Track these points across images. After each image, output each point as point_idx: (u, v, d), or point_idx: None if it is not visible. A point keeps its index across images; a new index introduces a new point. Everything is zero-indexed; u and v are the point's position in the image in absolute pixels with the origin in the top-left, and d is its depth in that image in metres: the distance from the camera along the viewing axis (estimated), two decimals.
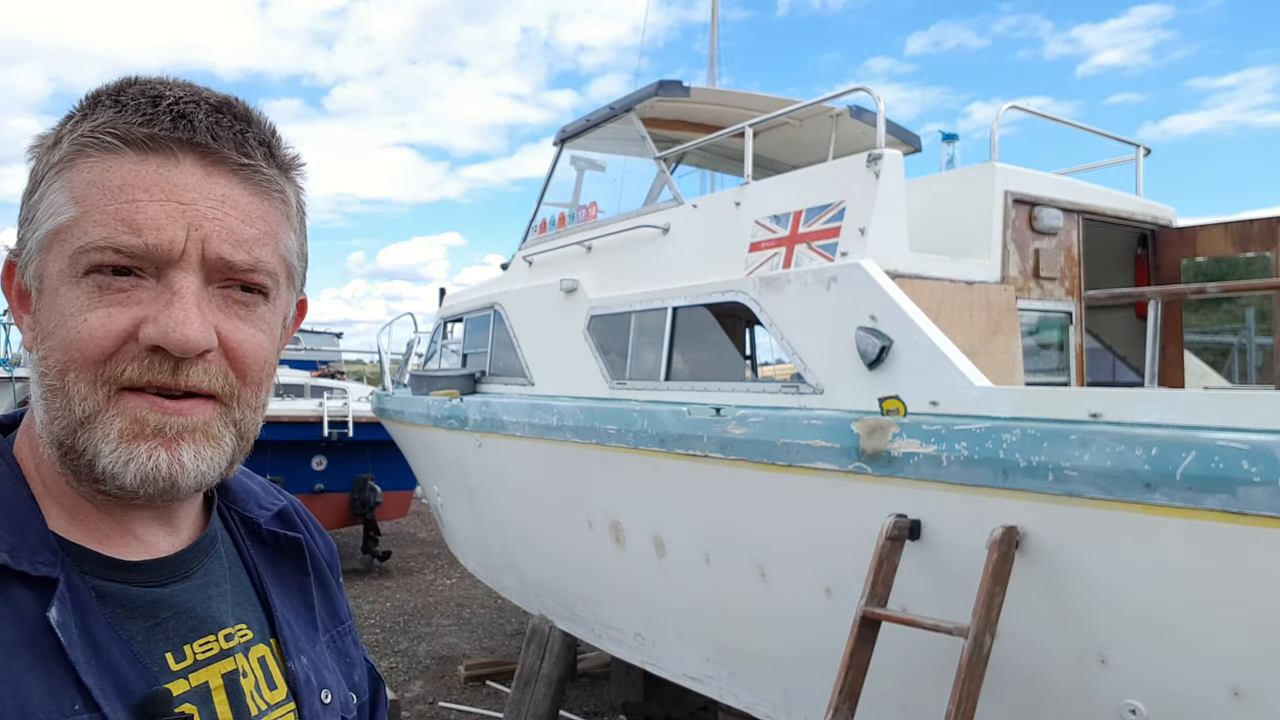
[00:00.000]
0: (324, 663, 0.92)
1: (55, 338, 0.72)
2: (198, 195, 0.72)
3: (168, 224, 0.71)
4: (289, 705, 0.85)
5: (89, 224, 0.71)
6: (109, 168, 0.72)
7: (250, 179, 0.76)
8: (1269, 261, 4.46)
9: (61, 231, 0.72)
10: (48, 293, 0.73)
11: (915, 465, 3.07)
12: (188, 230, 0.71)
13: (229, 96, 0.78)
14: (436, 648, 7.94)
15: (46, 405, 0.73)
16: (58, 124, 0.77)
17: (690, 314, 4.53)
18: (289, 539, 0.96)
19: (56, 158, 0.74)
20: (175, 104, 0.73)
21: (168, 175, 0.72)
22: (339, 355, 18.99)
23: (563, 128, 6.07)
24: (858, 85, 4.26)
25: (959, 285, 3.83)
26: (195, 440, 0.74)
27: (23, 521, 0.72)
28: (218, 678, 0.79)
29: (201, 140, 0.73)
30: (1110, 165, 5.11)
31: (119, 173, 0.71)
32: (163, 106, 0.72)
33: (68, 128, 0.75)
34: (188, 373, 0.73)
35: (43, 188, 0.74)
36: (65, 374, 0.71)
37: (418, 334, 8.79)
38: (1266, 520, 2.30)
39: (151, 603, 0.77)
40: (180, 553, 0.82)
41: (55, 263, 0.72)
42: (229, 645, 0.82)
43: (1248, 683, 2.48)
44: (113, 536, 0.77)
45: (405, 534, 13.19)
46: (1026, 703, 2.99)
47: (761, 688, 4.18)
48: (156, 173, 0.72)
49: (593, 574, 5.21)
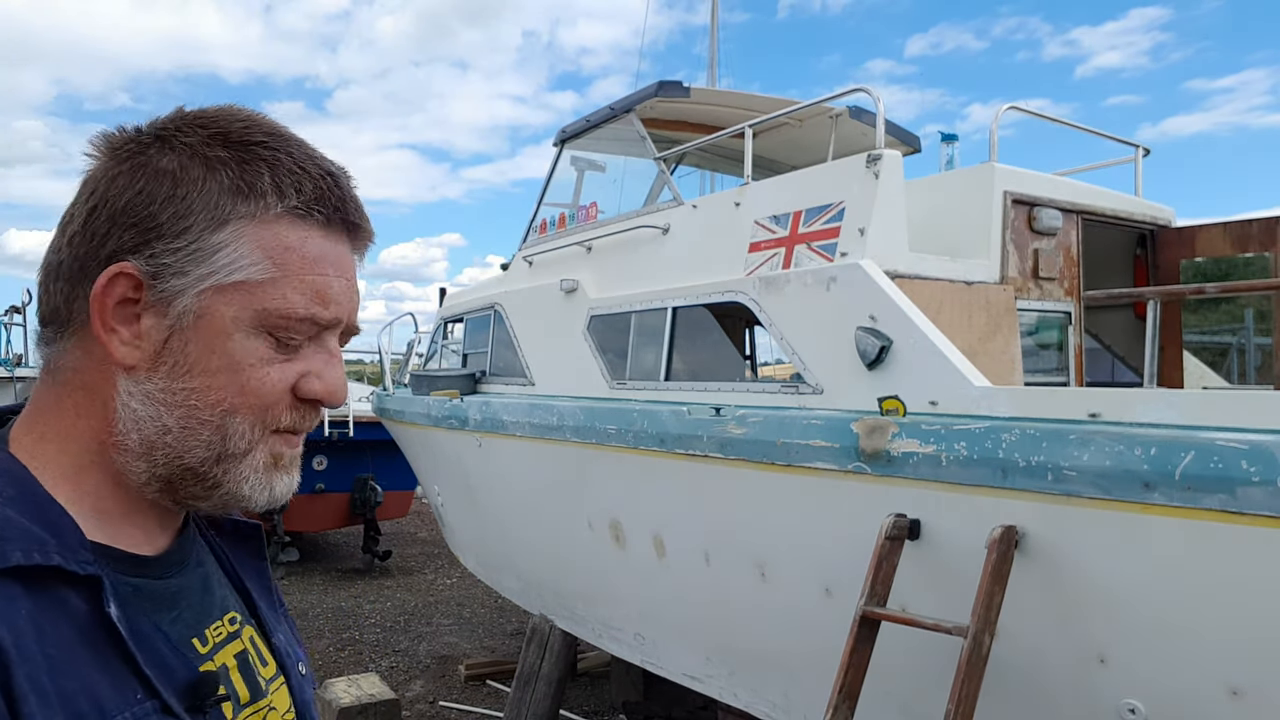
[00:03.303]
0: (291, 639, 0.99)
1: (223, 378, 0.77)
2: (351, 271, 0.84)
3: (344, 300, 0.82)
4: (280, 679, 0.92)
5: (289, 289, 0.78)
6: (306, 238, 0.79)
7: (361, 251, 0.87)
8: (1268, 262, 4.46)
9: (254, 286, 0.77)
10: (212, 333, 0.77)
11: (915, 465, 3.08)
12: (348, 303, 0.83)
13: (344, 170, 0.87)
14: (437, 647, 7.95)
15: (186, 434, 0.77)
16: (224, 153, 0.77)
17: (690, 314, 4.53)
18: (248, 526, 1.01)
19: (253, 210, 0.77)
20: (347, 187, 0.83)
21: (339, 252, 0.82)
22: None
23: (563, 128, 6.07)
24: (857, 86, 4.26)
25: (958, 285, 3.83)
26: (297, 467, 0.86)
27: (59, 525, 0.74)
28: (231, 658, 0.85)
29: (362, 225, 0.84)
30: (1109, 166, 5.11)
31: (314, 245, 0.80)
32: (346, 190, 0.82)
33: (266, 184, 0.77)
34: (315, 419, 0.85)
35: (228, 233, 0.76)
36: (232, 414, 0.78)
37: (418, 334, 8.80)
38: (1265, 520, 2.30)
39: (171, 594, 0.82)
40: (178, 543, 0.86)
41: (232, 310, 0.77)
42: (234, 628, 0.88)
43: (1247, 682, 2.48)
44: (131, 534, 0.81)
45: (406, 534, 13.19)
46: (1026, 702, 2.99)
47: (761, 687, 4.19)
48: (335, 249, 0.82)
49: (593, 574, 5.21)
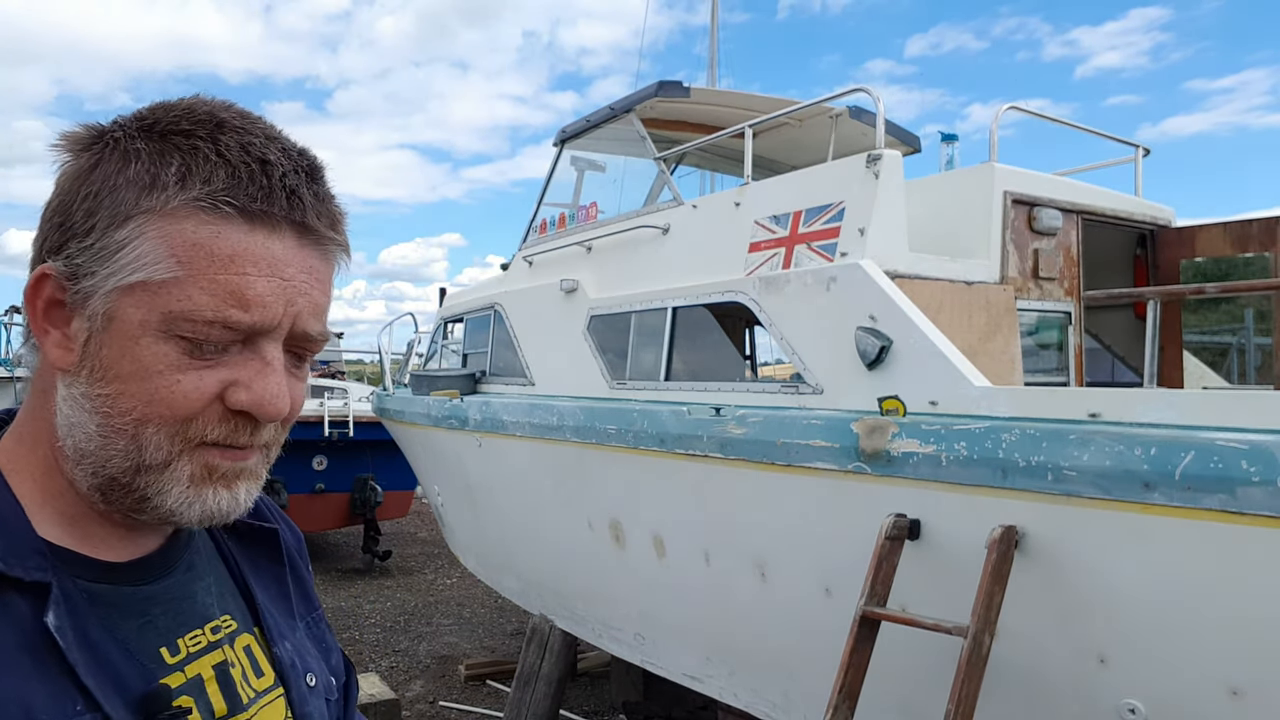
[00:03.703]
0: (305, 648, 0.95)
1: (133, 385, 0.71)
2: (295, 270, 0.74)
3: (273, 301, 0.72)
4: (277, 691, 0.87)
5: (194, 290, 0.70)
6: (218, 233, 0.71)
7: (328, 250, 0.78)
8: (1268, 262, 4.46)
9: (156, 286, 0.70)
10: (122, 337, 0.71)
11: (915, 465, 3.08)
12: (285, 306, 0.73)
13: (313, 158, 0.78)
14: (437, 647, 7.95)
15: (105, 443, 0.72)
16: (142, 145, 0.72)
17: (690, 314, 4.53)
18: (264, 530, 0.97)
19: (155, 204, 0.70)
20: (285, 177, 0.73)
21: (271, 249, 0.72)
22: (340, 355, 18.96)
23: (563, 128, 6.07)
24: (857, 86, 4.26)
25: (958, 285, 3.83)
26: (248, 480, 0.78)
27: (12, 528, 0.72)
28: (209, 669, 0.81)
29: (308, 221, 0.74)
30: (1109, 166, 5.11)
31: (229, 241, 0.71)
32: (275, 179, 0.72)
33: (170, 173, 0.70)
34: (261, 433, 0.76)
35: (130, 229, 0.70)
36: (144, 425, 0.72)
37: (418, 334, 8.80)
38: (1265, 520, 2.30)
39: (143, 600, 0.79)
40: (163, 547, 0.83)
41: (138, 311, 0.71)
42: (216, 638, 0.84)
43: (1247, 682, 2.48)
44: (106, 540, 0.78)
45: (405, 534, 13.19)
46: (1026, 702, 2.99)
47: (761, 687, 4.19)
48: (263, 246, 0.72)
49: (593, 574, 5.21)
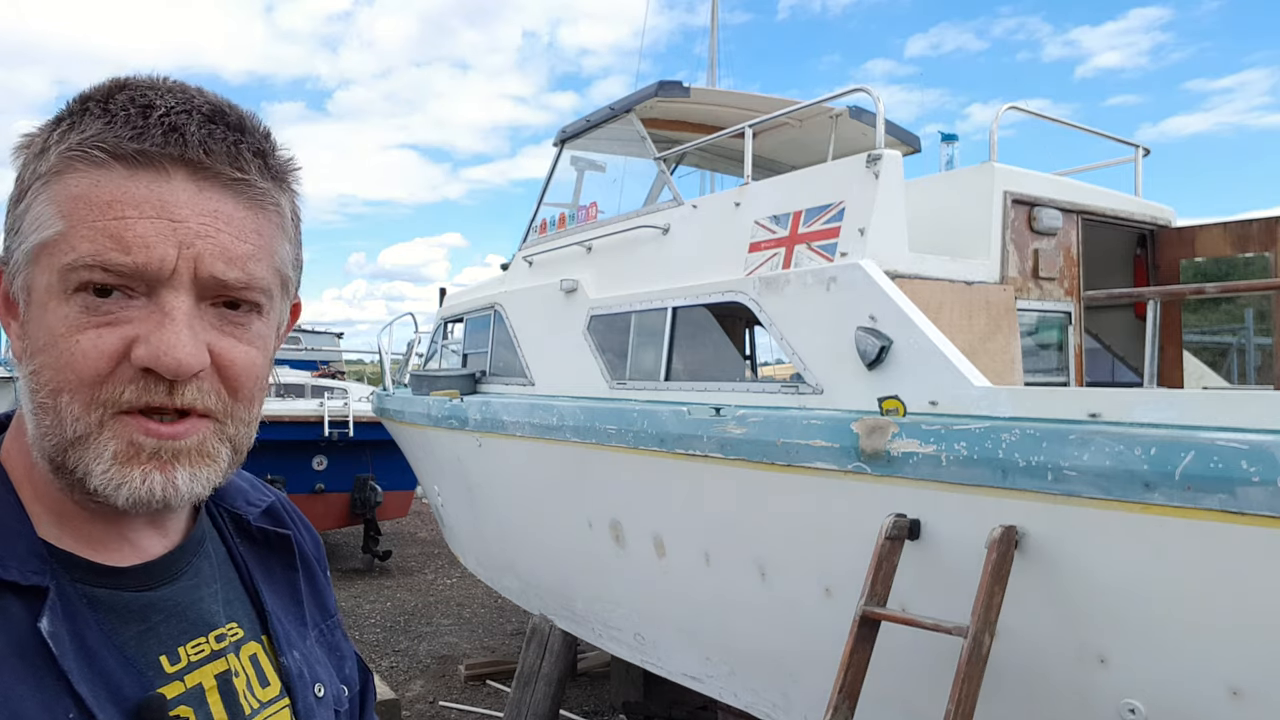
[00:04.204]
0: (315, 657, 0.93)
1: (46, 355, 0.70)
2: (189, 212, 0.70)
3: (158, 242, 0.69)
4: (283, 701, 0.86)
5: (77, 239, 0.69)
6: (97, 182, 0.69)
7: (244, 193, 0.74)
8: (1268, 262, 4.46)
9: (49, 245, 0.70)
10: (36, 306, 0.71)
11: (915, 465, 3.08)
12: (179, 248, 0.69)
13: (222, 103, 0.75)
14: (437, 647, 7.95)
15: (38, 421, 0.71)
16: (43, 126, 0.74)
17: (690, 314, 4.54)
18: (278, 535, 0.96)
19: (43, 168, 0.71)
20: (166, 115, 0.70)
21: (158, 191, 0.69)
22: (339, 355, 18.99)
23: (563, 128, 6.07)
24: (857, 86, 4.25)
25: (958, 285, 3.83)
26: (192, 461, 0.73)
27: (11, 530, 0.71)
28: (211, 679, 0.80)
29: (194, 156, 0.70)
30: (1109, 166, 5.11)
31: (108, 188, 0.69)
32: (154, 119, 0.70)
33: (55, 135, 0.72)
34: (182, 393, 0.71)
35: (29, 198, 0.72)
36: (58, 394, 0.70)
37: (418, 334, 8.80)
38: (1265, 520, 2.30)
39: (144, 606, 0.77)
40: (170, 554, 0.82)
41: (43, 276, 0.70)
42: (220, 646, 0.82)
43: (1247, 682, 2.48)
44: (105, 542, 0.77)
45: (405, 534, 13.19)
46: (1026, 702, 2.99)
47: (761, 687, 4.19)
48: (147, 189, 0.69)
49: (593, 574, 5.21)
